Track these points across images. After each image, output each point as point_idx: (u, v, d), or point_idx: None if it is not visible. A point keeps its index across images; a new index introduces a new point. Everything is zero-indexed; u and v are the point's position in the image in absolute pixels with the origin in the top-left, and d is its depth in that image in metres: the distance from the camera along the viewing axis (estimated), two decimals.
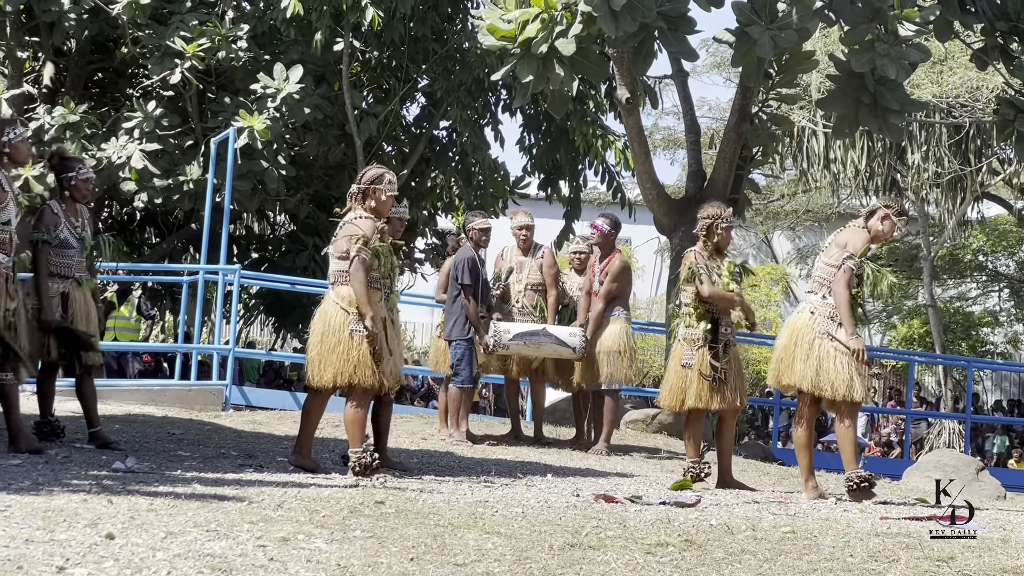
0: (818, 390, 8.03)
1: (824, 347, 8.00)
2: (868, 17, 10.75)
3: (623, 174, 19.08)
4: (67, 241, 8.45)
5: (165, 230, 19.28)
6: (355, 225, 7.74)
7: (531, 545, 5.02)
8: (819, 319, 8.08)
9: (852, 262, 8.03)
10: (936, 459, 11.87)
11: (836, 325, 8.00)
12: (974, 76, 22.14)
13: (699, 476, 8.84)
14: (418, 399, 24.90)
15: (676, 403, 8.89)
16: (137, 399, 12.50)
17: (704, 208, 9.07)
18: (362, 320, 7.53)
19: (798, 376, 8.12)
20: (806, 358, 8.06)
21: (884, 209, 8.24)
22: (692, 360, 8.76)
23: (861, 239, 8.16)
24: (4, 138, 7.96)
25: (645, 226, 19.82)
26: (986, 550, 5.61)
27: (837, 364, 7.96)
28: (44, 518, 4.87)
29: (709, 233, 8.93)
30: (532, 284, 11.37)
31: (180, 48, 15.08)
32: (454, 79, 17.23)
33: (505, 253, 11.60)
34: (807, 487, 8.24)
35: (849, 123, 11.53)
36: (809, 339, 8.08)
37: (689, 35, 10.55)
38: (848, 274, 8.00)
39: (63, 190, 8.58)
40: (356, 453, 7.59)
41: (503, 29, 10.53)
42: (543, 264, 11.39)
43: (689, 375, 8.76)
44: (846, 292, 7.97)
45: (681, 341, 8.91)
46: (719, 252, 8.98)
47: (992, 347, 33.11)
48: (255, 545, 4.58)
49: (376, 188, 7.90)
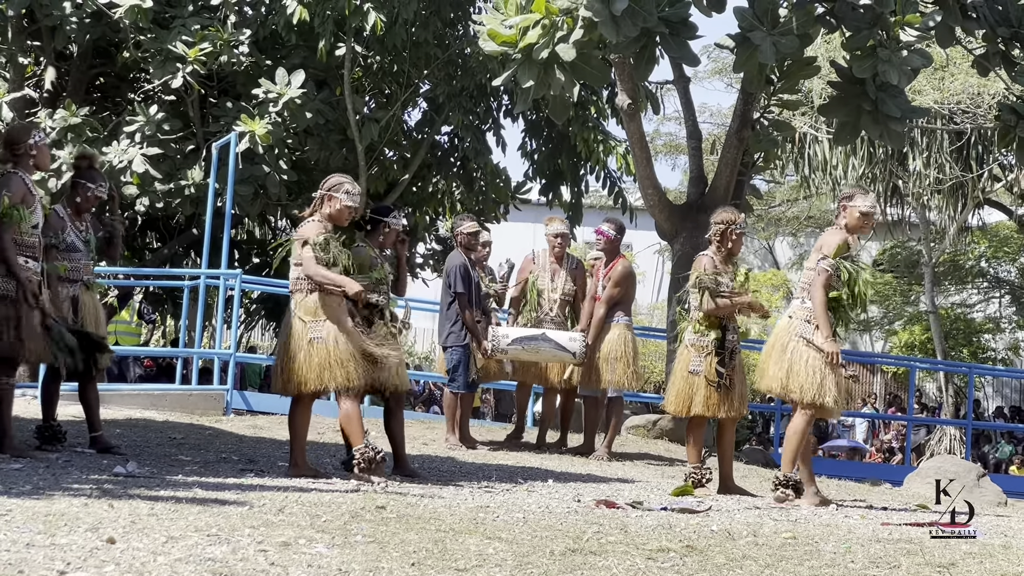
0: (788, 393, 8.05)
1: (797, 350, 8.03)
2: (870, 23, 10.75)
3: (624, 179, 19.10)
4: (74, 244, 8.47)
5: (166, 234, 19.30)
6: (300, 230, 7.80)
7: (532, 550, 5.02)
8: (796, 322, 8.11)
9: (826, 263, 8.02)
10: (937, 465, 11.87)
11: (813, 328, 8.01)
12: (975, 82, 22.14)
13: (701, 481, 8.83)
14: (419, 404, 24.90)
15: (683, 409, 8.86)
16: (138, 403, 12.50)
17: (718, 213, 8.99)
18: (343, 289, 7.56)
19: (770, 380, 8.15)
20: (779, 362, 8.10)
21: (843, 202, 8.24)
22: (699, 367, 8.73)
23: (836, 239, 8.13)
24: (30, 140, 7.99)
25: (646, 232, 19.81)
26: (987, 556, 5.61)
27: (808, 367, 7.96)
28: (45, 522, 4.87)
29: (723, 239, 8.88)
30: (566, 295, 11.32)
31: (182, 52, 15.08)
32: (456, 84, 17.24)
33: (537, 257, 11.55)
34: (807, 493, 8.23)
35: (850, 129, 11.52)
36: (784, 343, 8.12)
37: (691, 40, 10.54)
38: (823, 276, 7.99)
39: (75, 195, 8.59)
40: (359, 450, 7.59)
41: (504, 34, 10.52)
42: (577, 277, 11.35)
43: (696, 381, 8.72)
44: (822, 294, 7.96)
45: (688, 347, 8.85)
46: (731, 258, 8.95)
47: (993, 353, 33.09)
48: (256, 550, 4.58)
49: (332, 195, 7.87)
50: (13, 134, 8.16)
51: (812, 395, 7.95)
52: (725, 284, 8.71)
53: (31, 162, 8.01)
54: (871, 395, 30.40)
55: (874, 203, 8.47)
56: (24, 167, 7.98)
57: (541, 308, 11.29)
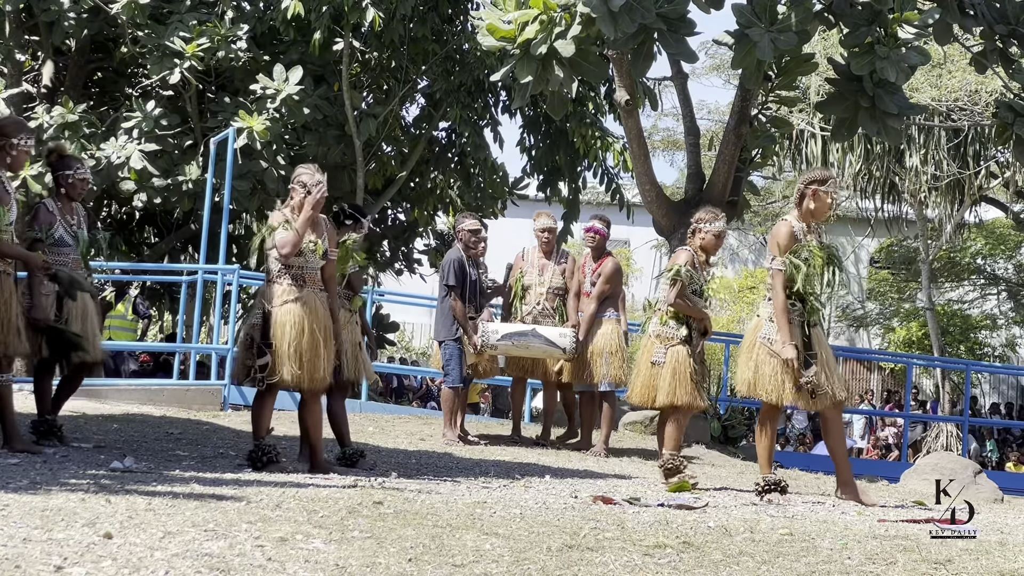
0: (755, 394, 8.04)
1: (762, 350, 8.00)
2: (868, 20, 10.75)
3: (622, 175, 19.11)
4: (63, 239, 8.42)
5: (164, 230, 19.30)
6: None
7: (529, 546, 5.02)
8: (762, 322, 8.09)
9: (777, 263, 7.93)
10: (934, 462, 11.87)
11: (775, 328, 7.97)
12: (973, 79, 22.17)
13: (677, 469, 8.70)
14: (416, 399, 24.93)
15: (647, 400, 8.80)
16: (135, 398, 12.49)
17: (697, 212, 9.06)
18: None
19: (738, 378, 8.15)
20: (746, 361, 8.08)
21: (810, 187, 8.05)
22: (662, 358, 8.68)
23: (783, 233, 7.99)
24: (13, 139, 7.92)
25: (643, 228, 19.82)
26: (984, 553, 5.61)
27: (771, 368, 7.94)
28: (42, 517, 4.86)
29: (693, 237, 8.91)
30: (554, 288, 11.38)
31: (179, 48, 15.08)
32: (454, 80, 17.24)
33: (526, 254, 11.61)
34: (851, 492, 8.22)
35: (848, 126, 11.51)
36: (750, 342, 8.10)
37: (689, 37, 10.53)
38: (778, 277, 7.90)
39: (59, 187, 8.58)
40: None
41: (502, 29, 10.52)
42: (566, 270, 11.41)
43: (659, 372, 8.67)
44: (781, 296, 7.87)
45: (652, 337, 8.78)
46: (707, 258, 8.94)
47: (990, 350, 33.14)
48: (253, 545, 4.58)
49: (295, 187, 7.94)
50: (5, 126, 8.10)
51: (774, 396, 7.93)
52: (697, 284, 8.73)
53: (7, 160, 7.92)
54: (868, 392, 30.44)
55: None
56: (1, 164, 7.92)
57: (528, 303, 11.33)
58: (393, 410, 15.46)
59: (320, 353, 7.65)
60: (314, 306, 7.69)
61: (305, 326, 7.60)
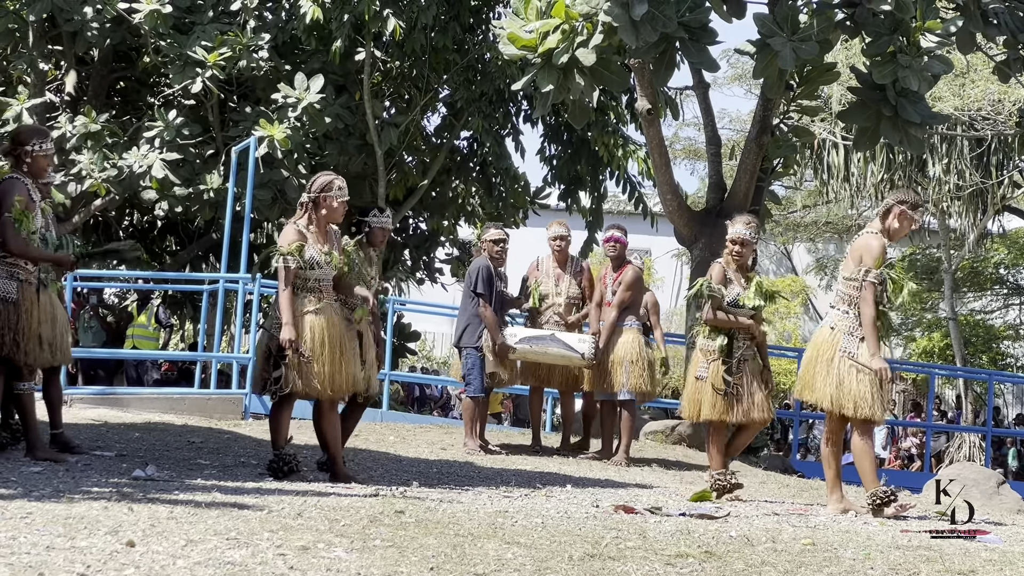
0: (840, 408, 7.95)
1: (844, 364, 7.91)
2: (890, 29, 10.72)
3: (644, 184, 19.08)
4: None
5: (186, 239, 19.37)
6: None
7: (551, 555, 5.01)
8: (839, 335, 7.97)
9: (872, 276, 7.86)
10: (956, 472, 11.81)
11: (857, 341, 7.90)
12: (996, 88, 22.05)
13: (726, 488, 8.79)
14: (437, 409, 24.94)
15: (693, 413, 8.91)
16: (157, 407, 12.54)
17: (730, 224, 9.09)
18: (283, 328, 7.57)
19: (819, 394, 8.02)
20: (826, 375, 7.95)
21: (899, 206, 8.03)
22: (705, 372, 8.77)
23: (876, 247, 7.94)
24: (27, 146, 7.93)
25: (665, 237, 19.79)
26: (1007, 563, 5.58)
27: (859, 382, 7.86)
28: (65, 525, 4.88)
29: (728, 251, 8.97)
30: (571, 298, 11.39)
31: (201, 57, 15.15)
32: (475, 89, 17.26)
33: (540, 263, 11.62)
34: (831, 500, 8.19)
35: (870, 135, 11.48)
36: (829, 356, 7.98)
37: (710, 46, 10.52)
38: (871, 290, 7.81)
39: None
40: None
41: (524, 39, 10.53)
42: (583, 280, 11.44)
43: (703, 387, 8.77)
44: (871, 311, 7.79)
45: (697, 352, 8.95)
46: (742, 270, 8.96)
47: (1013, 360, 32.98)
48: (275, 554, 4.59)
49: (326, 196, 7.95)
50: (20, 134, 8.13)
51: (867, 411, 7.85)
52: (733, 295, 8.74)
53: (25, 166, 7.89)
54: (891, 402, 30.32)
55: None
56: (22, 171, 7.92)
57: (544, 313, 11.34)
58: (414, 419, 15.47)
59: (337, 363, 7.67)
60: (330, 317, 7.72)
61: (326, 338, 7.63)
